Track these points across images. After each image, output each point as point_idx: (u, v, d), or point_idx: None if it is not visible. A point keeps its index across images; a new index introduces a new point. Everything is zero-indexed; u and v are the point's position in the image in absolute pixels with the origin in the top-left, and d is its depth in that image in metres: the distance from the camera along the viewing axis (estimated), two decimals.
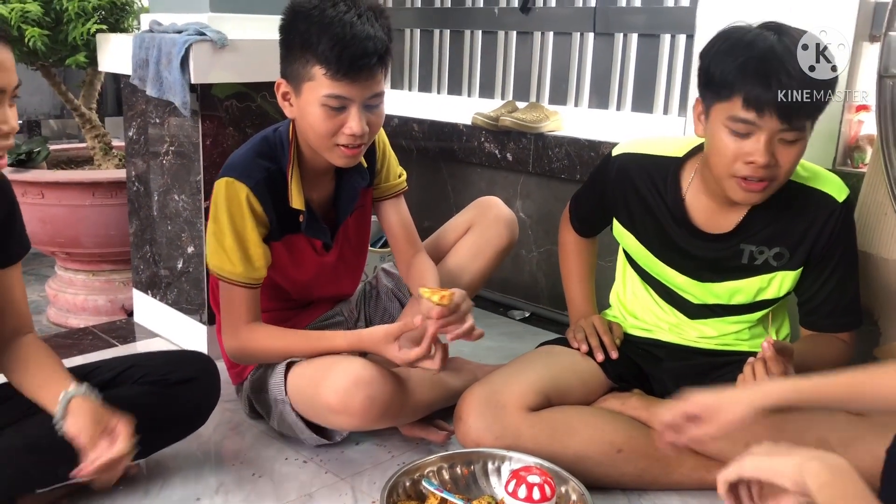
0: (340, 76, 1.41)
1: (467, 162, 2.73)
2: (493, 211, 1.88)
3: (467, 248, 1.86)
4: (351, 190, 1.67)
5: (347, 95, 1.44)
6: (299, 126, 1.54)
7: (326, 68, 1.41)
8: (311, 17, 1.42)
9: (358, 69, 1.41)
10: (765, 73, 1.32)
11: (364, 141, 1.50)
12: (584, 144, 2.37)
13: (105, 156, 2.67)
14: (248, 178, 1.53)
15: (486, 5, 2.92)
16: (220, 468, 1.60)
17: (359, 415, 1.48)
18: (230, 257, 1.53)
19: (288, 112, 1.54)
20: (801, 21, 1.70)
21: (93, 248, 2.51)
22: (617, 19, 2.53)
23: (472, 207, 1.92)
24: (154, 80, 2.01)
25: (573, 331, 1.73)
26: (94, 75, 2.65)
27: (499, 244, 1.86)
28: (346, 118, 1.46)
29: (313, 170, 1.62)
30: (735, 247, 1.55)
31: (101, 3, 2.39)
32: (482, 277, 1.87)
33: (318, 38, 1.41)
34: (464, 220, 1.90)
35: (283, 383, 1.59)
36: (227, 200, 1.53)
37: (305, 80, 1.45)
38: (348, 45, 1.39)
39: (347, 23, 1.40)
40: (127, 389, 1.42)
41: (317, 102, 1.45)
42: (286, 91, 1.51)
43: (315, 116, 1.46)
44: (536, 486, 1.26)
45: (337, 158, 1.53)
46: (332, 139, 1.48)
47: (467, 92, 3.03)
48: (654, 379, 1.68)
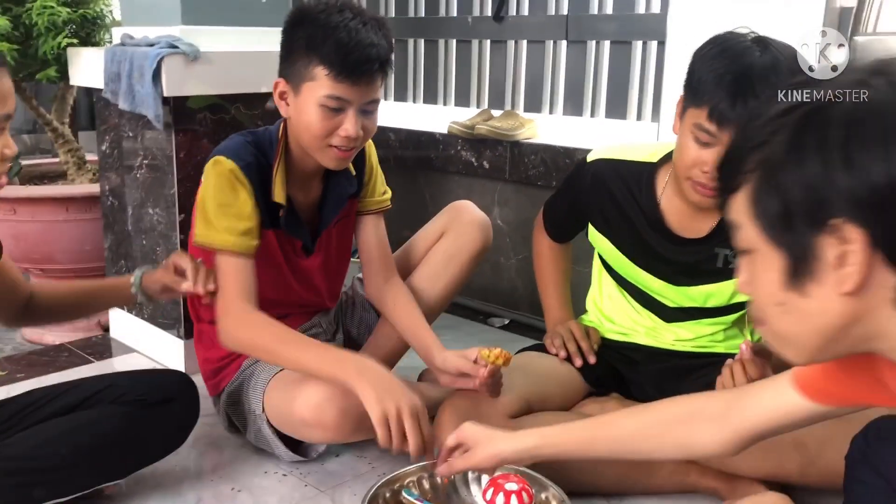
0: (343, 78, 1.45)
1: (444, 170, 2.74)
2: (466, 215, 1.87)
3: (441, 255, 1.84)
4: (338, 195, 1.69)
5: (347, 97, 1.47)
6: (293, 125, 1.56)
7: (330, 69, 1.45)
8: (317, 20, 1.47)
9: (360, 73, 1.46)
10: (734, 91, 1.33)
11: (356, 145, 1.54)
12: (560, 151, 2.39)
13: (79, 170, 2.65)
14: (238, 159, 1.54)
15: (460, 14, 2.93)
16: (198, 483, 1.59)
17: (333, 428, 1.48)
18: (215, 225, 1.52)
19: (283, 111, 1.56)
20: (768, 26, 1.73)
21: (67, 263, 2.48)
22: (589, 27, 2.55)
23: (444, 213, 1.91)
24: (126, 93, 1.99)
25: (550, 337, 1.74)
26: (66, 90, 2.62)
27: (473, 249, 1.84)
28: (343, 120, 1.49)
29: (301, 170, 1.63)
30: (710, 251, 1.56)
31: (72, 16, 2.37)
32: (457, 283, 1.86)
33: (323, 40, 1.45)
34: (436, 226, 1.89)
35: (261, 397, 1.58)
36: (216, 176, 1.53)
37: (306, 79, 1.48)
38: (353, 49, 1.44)
39: (353, 28, 1.45)
40: (105, 409, 1.41)
41: (315, 102, 1.48)
42: (284, 90, 1.54)
43: (312, 116, 1.49)
44: (514, 494, 1.26)
45: (328, 160, 1.55)
46: (326, 140, 1.51)
47: (443, 101, 3.04)
48: (632, 383, 1.70)
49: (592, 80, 2.59)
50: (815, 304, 0.78)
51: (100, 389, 1.44)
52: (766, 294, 0.82)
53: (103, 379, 1.49)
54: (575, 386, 1.66)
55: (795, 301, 0.79)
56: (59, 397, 1.40)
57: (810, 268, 0.76)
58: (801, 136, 0.75)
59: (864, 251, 0.73)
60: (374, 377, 1.39)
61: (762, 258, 0.80)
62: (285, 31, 1.53)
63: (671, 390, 1.62)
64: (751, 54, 1.35)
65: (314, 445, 1.65)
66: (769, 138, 0.77)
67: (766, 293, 0.82)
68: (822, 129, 0.74)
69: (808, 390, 1.02)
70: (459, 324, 2.57)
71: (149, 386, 1.47)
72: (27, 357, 2.26)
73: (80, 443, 1.34)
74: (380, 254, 1.77)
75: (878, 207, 0.71)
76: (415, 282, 1.82)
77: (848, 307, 0.76)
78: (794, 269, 0.77)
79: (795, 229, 0.76)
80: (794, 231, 0.76)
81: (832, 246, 0.74)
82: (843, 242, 0.73)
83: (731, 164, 0.82)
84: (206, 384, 1.75)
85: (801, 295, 0.78)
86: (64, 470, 1.32)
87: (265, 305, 1.71)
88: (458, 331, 2.48)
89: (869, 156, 0.71)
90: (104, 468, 1.40)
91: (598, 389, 1.68)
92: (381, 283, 1.76)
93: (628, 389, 1.70)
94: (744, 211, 0.80)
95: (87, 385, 1.46)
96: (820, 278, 0.76)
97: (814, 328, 0.80)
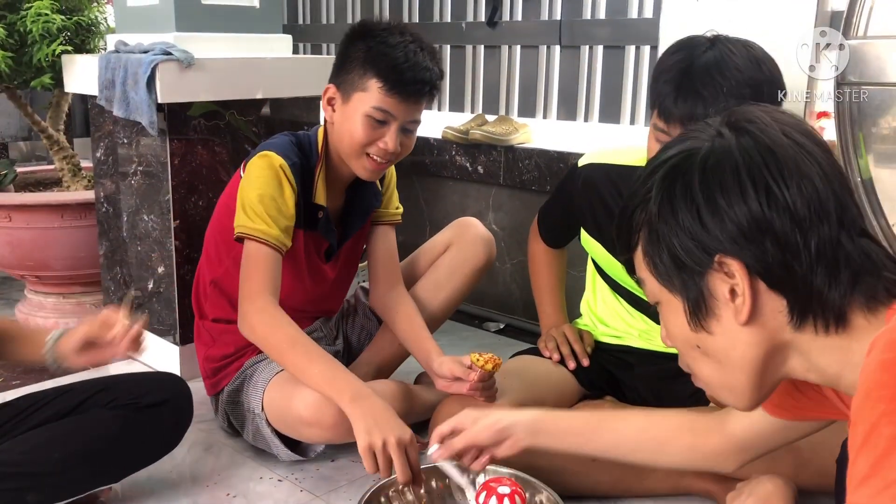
0: (394, 93, 1.52)
1: (439, 175, 2.74)
2: (472, 231, 1.92)
3: (445, 267, 1.89)
4: (364, 206, 1.75)
5: (393, 112, 1.54)
6: (335, 131, 1.62)
7: (384, 82, 1.52)
8: (380, 37, 1.55)
9: (410, 91, 1.54)
10: (676, 87, 1.37)
11: (392, 159, 1.60)
12: (554, 156, 2.39)
13: (74, 177, 2.65)
14: (286, 157, 1.59)
15: (454, 20, 2.94)
16: (194, 489, 1.59)
17: (331, 427, 1.49)
18: (259, 214, 1.54)
19: (329, 116, 1.62)
20: (760, 29, 1.74)
21: (63, 270, 2.48)
22: (582, 32, 2.57)
23: (450, 228, 1.96)
24: (121, 100, 2.00)
25: (544, 340, 1.74)
26: (61, 97, 2.63)
27: (476, 264, 1.89)
28: (384, 133, 1.56)
29: (335, 178, 1.69)
30: None
31: (67, 24, 2.38)
32: (459, 294, 1.90)
33: (382, 56, 1.53)
34: (442, 239, 1.94)
35: (261, 396, 1.59)
36: (266, 168, 1.57)
37: (358, 89, 1.55)
38: (409, 69, 1.52)
39: (411, 51, 1.54)
40: (98, 413, 1.41)
41: (363, 112, 1.54)
42: (333, 97, 1.60)
43: (356, 124, 1.55)
44: (507, 497, 1.26)
45: (362, 169, 1.60)
46: (365, 149, 1.57)
47: (437, 106, 3.05)
48: (626, 385, 1.70)
49: (586, 84, 2.60)
50: (722, 340, 0.83)
51: (92, 394, 1.44)
52: (681, 340, 0.88)
53: (95, 383, 1.48)
54: (569, 389, 1.67)
55: (707, 341, 0.84)
56: (52, 403, 1.40)
57: (708, 306, 0.82)
58: (670, 190, 0.82)
59: (745, 280, 0.79)
60: (366, 407, 1.41)
61: (668, 306, 0.87)
62: (345, 42, 1.60)
63: (665, 392, 1.63)
64: (697, 53, 1.38)
65: (312, 445, 1.65)
66: (646, 196, 0.84)
67: (681, 339, 0.88)
68: (685, 180, 0.81)
69: (768, 405, 1.05)
70: (455, 328, 2.57)
71: (141, 388, 1.47)
72: (21, 365, 2.25)
73: (72, 447, 1.34)
74: (388, 263, 1.82)
75: (745, 240, 0.78)
76: (418, 292, 1.86)
77: (753, 336, 0.82)
78: (695, 310, 0.83)
79: (685, 274, 0.82)
80: (686, 275, 0.82)
81: (722, 281, 0.80)
82: (730, 277, 0.80)
83: (623, 226, 0.89)
84: (204, 383, 1.75)
85: (709, 334, 0.84)
86: (57, 475, 1.32)
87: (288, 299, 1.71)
88: (454, 335, 2.48)
89: (729, 198, 0.79)
90: (98, 472, 1.41)
91: (592, 392, 1.68)
92: (385, 291, 1.80)
93: (622, 392, 1.70)
94: (642, 267, 0.88)
95: (78, 389, 1.46)
96: (718, 314, 0.82)
97: (734, 365, 0.85)
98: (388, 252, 1.82)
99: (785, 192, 0.78)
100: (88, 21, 2.49)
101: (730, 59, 1.35)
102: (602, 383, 1.69)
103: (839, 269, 0.78)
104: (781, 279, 0.79)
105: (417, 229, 2.83)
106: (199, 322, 1.78)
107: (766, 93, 1.36)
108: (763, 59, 1.38)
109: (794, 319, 0.80)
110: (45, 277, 2.52)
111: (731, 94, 1.33)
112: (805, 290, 0.79)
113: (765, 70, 1.37)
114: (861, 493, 0.66)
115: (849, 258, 0.79)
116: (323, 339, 1.84)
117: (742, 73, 1.34)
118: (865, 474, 0.66)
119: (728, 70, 1.34)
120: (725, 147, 0.81)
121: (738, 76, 1.34)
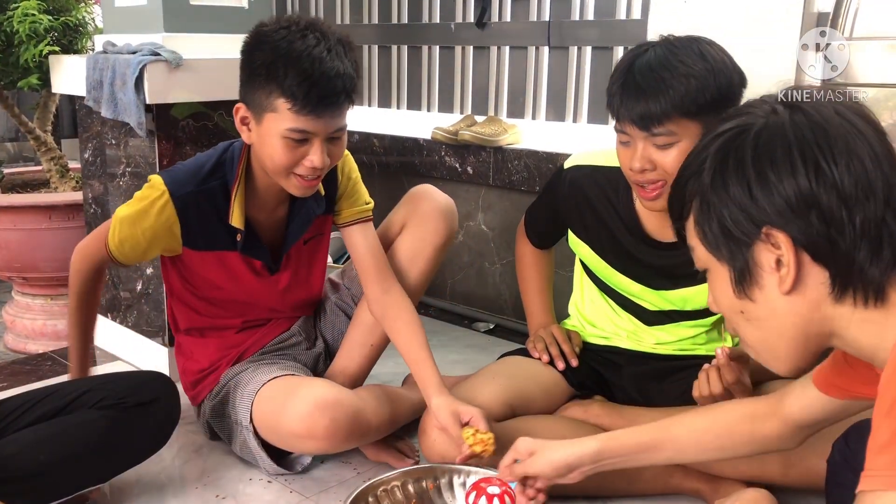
0: (307, 112, 1.38)
1: (429, 176, 2.74)
2: (427, 203, 1.74)
3: (404, 252, 1.74)
4: (304, 216, 1.63)
5: (311, 130, 1.41)
6: (257, 152, 1.50)
7: (292, 103, 1.37)
8: (278, 48, 1.38)
9: (325, 106, 1.38)
10: (621, 86, 1.39)
11: (322, 173, 1.48)
12: (543, 157, 2.40)
13: (62, 178, 2.64)
14: (179, 186, 1.51)
15: (443, 21, 2.94)
16: (182, 491, 1.58)
17: (324, 438, 1.47)
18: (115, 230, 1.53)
19: (245, 137, 1.49)
20: (746, 30, 1.75)
21: (50, 272, 2.48)
22: (571, 33, 2.57)
23: (404, 202, 1.78)
24: (109, 101, 1.99)
25: (533, 341, 1.74)
26: (49, 97, 2.62)
27: (437, 241, 1.73)
28: (308, 151, 1.43)
29: (265, 192, 1.58)
30: (686, 254, 1.57)
31: (54, 24, 2.37)
32: (425, 279, 1.76)
33: (284, 72, 1.36)
34: (397, 218, 1.78)
35: (250, 408, 1.57)
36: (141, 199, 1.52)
37: (268, 110, 1.41)
38: (317, 83, 1.36)
39: (316, 58, 1.36)
40: (84, 414, 1.40)
41: (278, 134, 1.41)
42: (245, 116, 1.47)
43: (275, 148, 1.42)
44: (496, 497, 1.27)
45: (293, 188, 1.49)
46: (290, 170, 1.45)
47: (426, 107, 3.05)
48: (614, 386, 1.71)
49: (574, 85, 2.61)
50: (765, 308, 0.87)
51: (79, 395, 1.43)
52: (726, 306, 0.92)
53: (81, 384, 1.47)
54: (558, 389, 1.67)
55: (750, 308, 0.89)
56: (40, 404, 1.39)
57: (753, 275, 0.86)
58: (723, 163, 0.86)
59: (791, 252, 0.83)
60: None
61: (715, 274, 0.91)
62: (244, 54, 1.45)
63: (653, 393, 1.64)
64: (640, 52, 1.41)
65: (299, 458, 1.64)
66: (699, 168, 0.89)
67: (727, 305, 0.92)
68: (738, 154, 0.85)
69: (822, 385, 1.09)
70: (444, 329, 2.57)
71: (127, 389, 1.46)
72: (10, 367, 2.25)
73: (57, 449, 1.33)
74: (373, 262, 1.67)
75: (792, 214, 0.82)
76: None
77: (794, 306, 0.86)
78: (740, 278, 0.88)
79: (732, 244, 0.87)
80: (732, 245, 0.87)
81: (768, 252, 0.84)
82: (776, 248, 0.84)
83: (677, 194, 0.94)
84: (186, 395, 1.74)
85: (752, 301, 0.88)
86: (42, 476, 1.31)
87: (241, 310, 1.70)
88: (443, 335, 2.49)
89: (779, 173, 0.82)
90: (84, 473, 1.40)
91: (581, 393, 1.69)
92: (379, 294, 1.66)
93: (611, 392, 1.71)
94: (693, 235, 0.92)
95: (64, 391, 1.45)
96: (762, 283, 0.86)
97: (774, 331, 0.89)
98: (371, 250, 1.67)
99: (833, 169, 0.81)
100: (76, 21, 2.48)
101: (672, 55, 1.37)
102: (591, 384, 1.70)
103: (882, 247, 0.81)
104: (825, 253, 0.82)
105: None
106: (176, 335, 1.77)
107: (714, 84, 1.36)
108: (710, 51, 1.39)
109: (834, 291, 0.83)
110: (32, 279, 2.51)
111: (673, 86, 1.34)
112: (847, 265, 0.82)
113: (710, 60, 1.37)
114: (880, 460, 0.72)
115: (892, 236, 0.81)
116: (303, 342, 1.79)
117: (686, 65, 1.35)
118: (886, 441, 0.72)
119: (669, 64, 1.36)
120: (779, 123, 0.84)
121: (680, 69, 1.35)
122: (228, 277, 1.64)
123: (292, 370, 1.66)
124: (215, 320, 1.70)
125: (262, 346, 1.74)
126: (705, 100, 1.35)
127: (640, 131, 1.39)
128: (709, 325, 1.65)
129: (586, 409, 1.63)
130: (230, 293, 1.67)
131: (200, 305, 1.69)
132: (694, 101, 1.35)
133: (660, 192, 1.43)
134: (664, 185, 1.42)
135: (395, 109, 3.17)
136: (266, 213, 1.62)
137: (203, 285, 1.65)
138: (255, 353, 1.73)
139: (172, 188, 1.51)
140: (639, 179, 1.44)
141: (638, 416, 1.58)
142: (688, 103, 1.35)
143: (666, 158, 1.39)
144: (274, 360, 1.70)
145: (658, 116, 1.36)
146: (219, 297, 1.68)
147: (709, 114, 1.36)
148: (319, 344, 1.84)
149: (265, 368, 1.64)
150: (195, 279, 1.64)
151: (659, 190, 1.43)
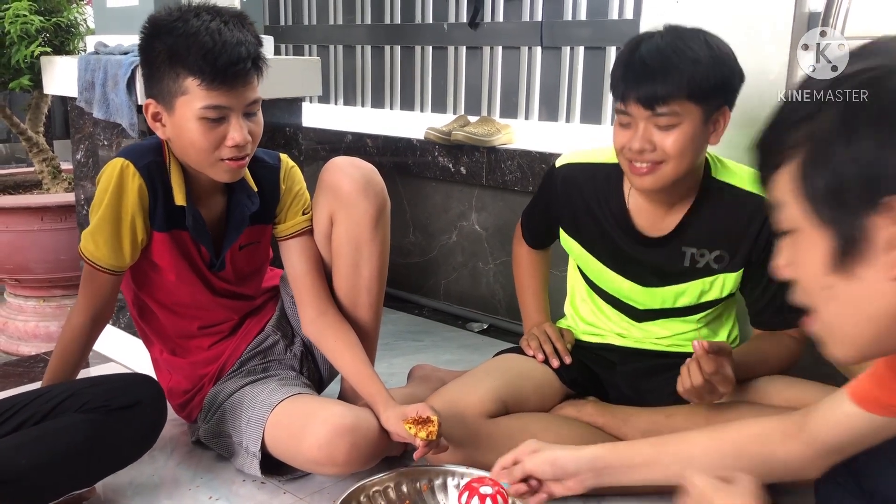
0: (217, 84, 1.37)
1: (422, 176, 2.75)
2: (345, 187, 1.60)
3: (346, 247, 1.62)
4: (239, 212, 1.57)
5: (226, 104, 1.39)
6: (177, 146, 1.47)
7: (201, 78, 1.36)
8: (175, 30, 1.38)
9: (234, 75, 1.38)
10: (625, 66, 1.44)
11: (248, 152, 1.45)
12: (536, 157, 2.40)
13: (54, 179, 2.63)
14: (135, 158, 1.46)
15: (436, 21, 2.94)
16: (176, 492, 1.58)
17: (344, 464, 1.45)
18: (90, 232, 1.48)
19: (161, 133, 1.47)
20: (738, 30, 1.75)
21: (43, 273, 2.47)
22: (563, 33, 2.58)
23: (321, 190, 1.63)
24: (101, 102, 1.99)
25: (526, 339, 1.75)
26: (40, 98, 2.61)
27: (370, 223, 1.60)
28: (227, 129, 1.41)
29: (198, 186, 1.54)
30: (676, 249, 1.59)
31: (45, 25, 2.36)
32: (380, 262, 1.65)
33: (186, 50, 1.36)
34: (322, 215, 1.63)
35: (261, 435, 1.52)
36: (102, 180, 1.47)
37: (178, 95, 1.39)
38: (220, 52, 1.36)
39: (215, 30, 1.37)
40: (68, 418, 1.38)
41: (194, 117, 1.39)
42: (156, 111, 1.45)
43: (193, 132, 1.40)
44: (489, 497, 1.27)
45: (221, 173, 1.46)
46: (215, 153, 1.43)
47: (419, 107, 3.06)
48: (608, 383, 1.71)
49: (567, 85, 2.61)
50: (862, 289, 0.74)
51: (64, 398, 1.41)
52: (810, 277, 0.78)
53: (66, 387, 1.45)
54: (552, 388, 1.67)
55: (841, 285, 0.75)
56: (25, 408, 1.37)
57: (859, 249, 0.72)
58: (854, 111, 0.70)
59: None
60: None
61: (806, 238, 0.76)
62: (142, 47, 1.45)
63: (646, 389, 1.65)
64: (647, 39, 1.44)
65: (295, 472, 1.60)
66: (818, 111, 0.73)
67: (811, 276, 0.77)
68: (879, 103, 0.70)
69: (862, 400, 0.98)
70: (438, 329, 2.57)
71: (112, 391, 1.44)
72: (2, 368, 2.24)
73: (40, 453, 1.32)
74: (309, 283, 1.62)
75: None
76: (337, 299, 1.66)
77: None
78: (842, 250, 0.73)
79: (845, 208, 0.72)
80: (844, 209, 0.72)
81: (884, 226, 0.70)
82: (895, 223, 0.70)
83: (774, 138, 0.77)
84: (178, 416, 1.73)
85: (848, 278, 0.74)
86: (25, 481, 1.30)
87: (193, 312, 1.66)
88: (437, 336, 2.48)
89: None
90: (70, 476, 1.38)
91: (575, 391, 1.69)
92: (315, 317, 1.61)
93: (605, 391, 1.71)
94: (788, 188, 0.76)
95: (48, 395, 1.43)
96: (868, 261, 0.72)
97: (862, 316, 0.75)
98: (308, 271, 1.62)
99: None
100: (67, 22, 2.47)
101: (679, 40, 1.41)
102: (584, 382, 1.70)
103: None
104: None
105: (401, 232, 2.84)
106: (150, 350, 1.74)
107: (719, 72, 1.41)
108: (715, 41, 1.44)
109: None
110: (25, 281, 2.50)
111: (680, 69, 1.38)
112: None
113: (715, 49, 1.42)
114: None
115: None
116: (280, 339, 1.73)
117: (693, 51, 1.40)
118: None
119: (677, 48, 1.40)
120: None
121: (688, 53, 1.40)
122: (177, 263, 1.56)
123: (295, 385, 1.62)
124: (175, 327, 1.66)
125: (241, 354, 1.70)
126: (709, 85, 1.40)
127: (644, 110, 1.42)
128: (697, 321, 1.66)
129: (580, 409, 1.63)
130: (179, 289, 1.60)
131: (158, 310, 1.64)
132: (699, 85, 1.39)
133: (651, 170, 1.46)
134: (657, 165, 1.46)
135: (388, 110, 3.17)
136: (204, 207, 1.57)
137: (155, 281, 1.58)
138: (235, 362, 1.69)
139: (133, 159, 1.46)
140: (635, 159, 1.47)
141: (630, 415, 1.59)
142: (694, 86, 1.39)
143: (667, 140, 1.43)
144: (263, 370, 1.67)
145: (664, 96, 1.40)
146: (169, 301, 1.62)
147: (709, 101, 1.42)
148: (298, 341, 1.76)
149: (264, 387, 1.59)
150: (145, 277, 1.59)
151: (651, 167, 1.46)
